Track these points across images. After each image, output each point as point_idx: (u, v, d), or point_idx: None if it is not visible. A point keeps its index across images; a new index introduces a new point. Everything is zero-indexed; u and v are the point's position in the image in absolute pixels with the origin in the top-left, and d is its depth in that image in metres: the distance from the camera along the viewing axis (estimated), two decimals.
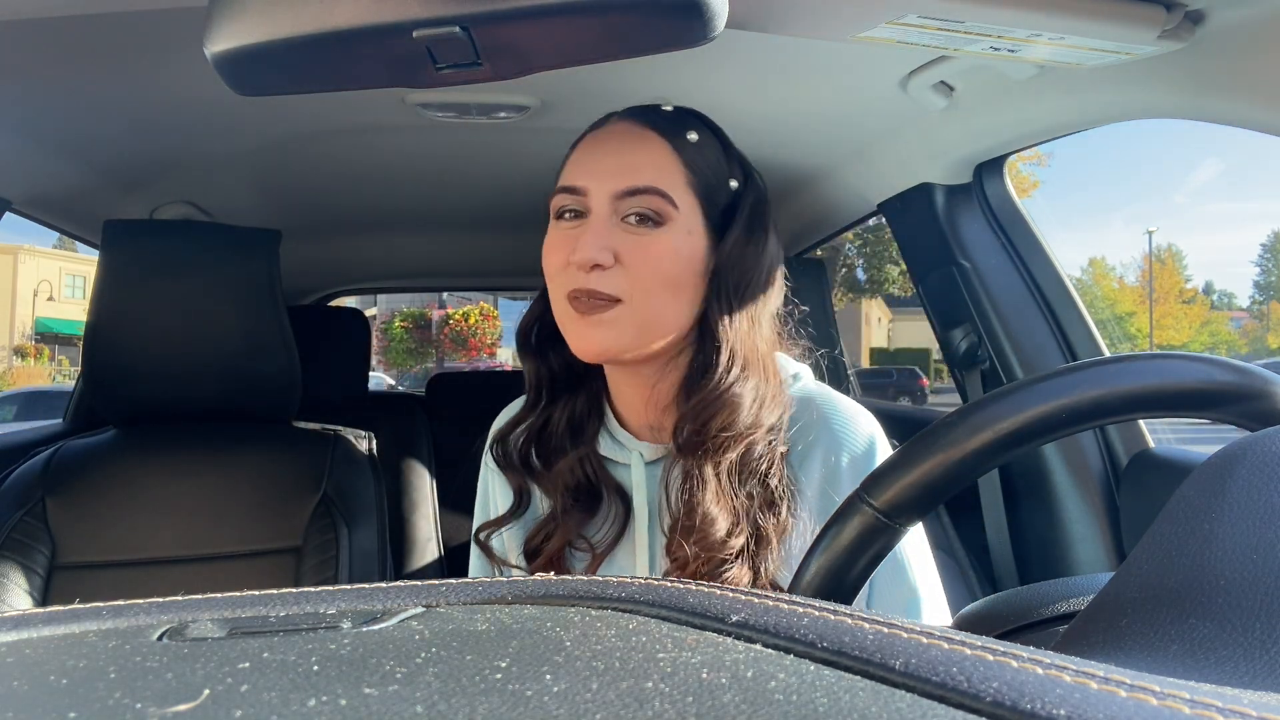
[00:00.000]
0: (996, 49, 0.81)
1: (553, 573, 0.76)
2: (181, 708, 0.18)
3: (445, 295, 22.83)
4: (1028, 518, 1.27)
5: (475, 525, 0.87)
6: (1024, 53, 0.82)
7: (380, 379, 17.32)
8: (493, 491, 0.87)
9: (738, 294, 0.74)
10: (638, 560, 0.76)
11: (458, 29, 0.44)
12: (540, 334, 0.81)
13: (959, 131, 1.17)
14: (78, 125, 1.21)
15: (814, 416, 0.76)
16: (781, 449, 0.74)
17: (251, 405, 1.25)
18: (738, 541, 0.70)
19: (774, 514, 0.72)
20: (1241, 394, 0.43)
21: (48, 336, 24.74)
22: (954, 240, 1.31)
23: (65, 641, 0.24)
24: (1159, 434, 1.21)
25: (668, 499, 0.73)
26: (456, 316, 24.12)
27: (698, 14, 0.44)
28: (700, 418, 0.71)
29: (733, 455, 0.71)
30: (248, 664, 0.21)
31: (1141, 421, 1.19)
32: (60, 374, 22.12)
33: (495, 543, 0.83)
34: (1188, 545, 0.31)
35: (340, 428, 1.35)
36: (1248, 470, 0.32)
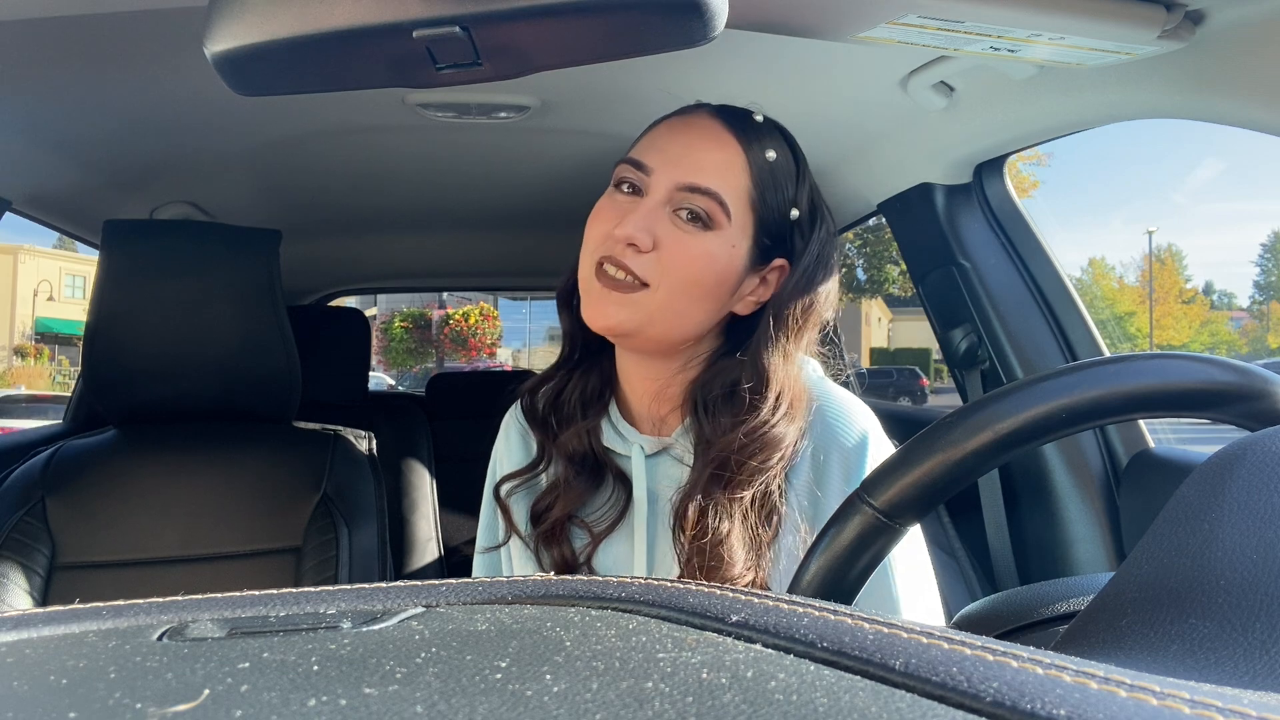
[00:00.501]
0: (996, 49, 0.81)
1: (554, 543, 0.77)
2: (181, 708, 0.18)
3: (445, 295, 22.84)
4: (1028, 518, 1.27)
5: (486, 490, 0.89)
6: (1024, 53, 0.82)
7: (380, 379, 17.33)
8: (501, 457, 0.89)
9: (793, 335, 0.75)
10: (635, 550, 0.77)
11: (458, 29, 0.44)
12: (576, 295, 0.81)
13: (959, 131, 1.17)
14: (78, 125, 1.21)
15: (840, 429, 0.76)
16: None
17: (251, 405, 1.25)
18: (749, 576, 0.70)
19: (770, 524, 0.73)
20: (1241, 394, 0.43)
21: (48, 336, 24.75)
22: (954, 240, 1.31)
23: (65, 641, 0.24)
24: (1158, 434, 1.21)
25: (678, 517, 0.73)
26: (456, 316, 24.13)
27: (698, 14, 0.44)
28: (745, 452, 0.71)
29: (759, 488, 0.72)
30: (248, 664, 0.21)
31: (1141, 421, 1.19)
32: (60, 374, 22.13)
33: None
34: (1188, 545, 0.31)
35: (340, 428, 1.35)
36: (1248, 470, 0.32)
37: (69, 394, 1.91)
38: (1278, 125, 0.77)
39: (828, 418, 0.75)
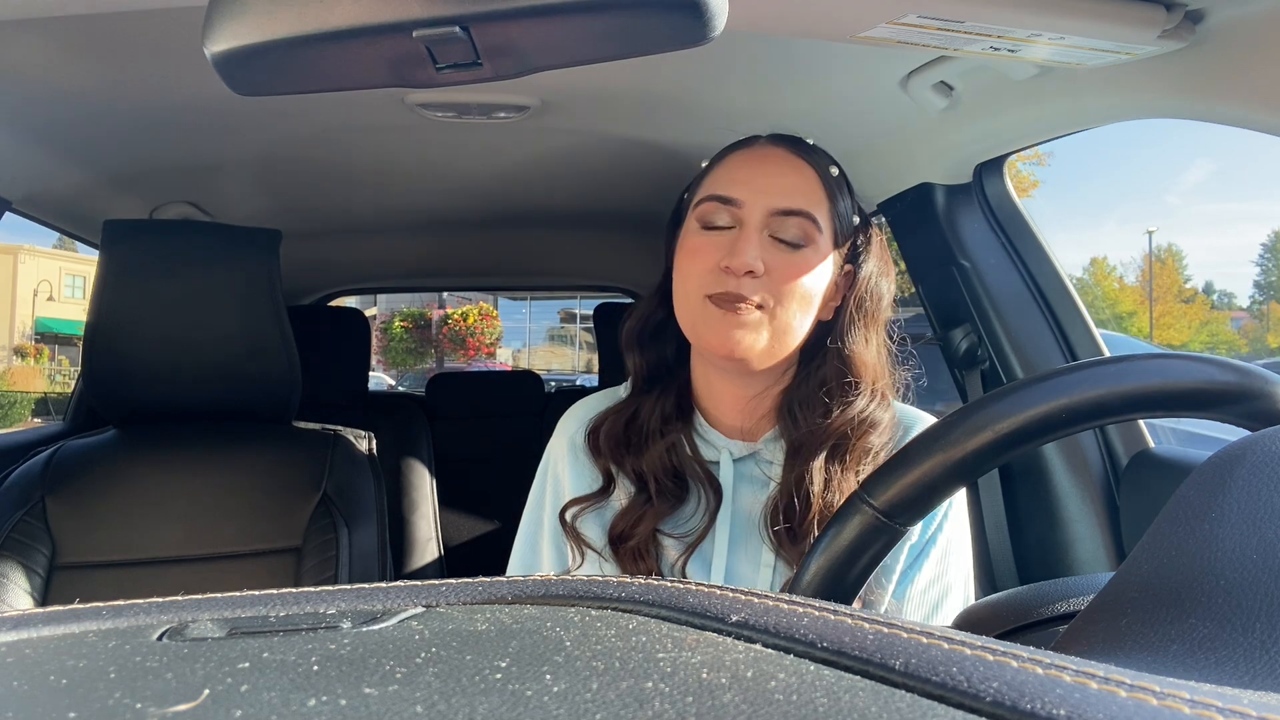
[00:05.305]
0: (996, 49, 0.81)
1: (642, 558, 0.79)
2: (181, 708, 0.18)
3: (445, 295, 22.82)
4: (1028, 518, 1.27)
5: (527, 516, 0.91)
6: (1024, 53, 0.82)
7: (380, 379, 17.32)
8: (557, 483, 0.89)
9: (874, 325, 0.82)
10: (715, 554, 0.80)
11: (457, 29, 0.44)
12: (644, 333, 0.87)
13: (959, 131, 1.17)
14: (78, 125, 1.21)
15: (898, 435, 0.82)
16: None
17: (251, 405, 1.25)
18: None
19: None
20: (1241, 394, 0.43)
21: (48, 336, 24.74)
22: (954, 240, 1.31)
23: (65, 641, 0.24)
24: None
25: (794, 495, 0.78)
26: (455, 316, 24.11)
27: (698, 14, 0.44)
28: (855, 434, 0.78)
29: (868, 469, 0.78)
30: (248, 664, 0.21)
31: (1141, 421, 1.19)
32: (60, 374, 22.12)
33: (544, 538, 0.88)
34: (1188, 545, 0.31)
35: (340, 428, 1.35)
36: (1248, 470, 0.32)
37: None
38: (1277, 125, 0.77)
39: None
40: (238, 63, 0.45)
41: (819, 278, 0.79)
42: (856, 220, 0.84)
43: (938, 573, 0.78)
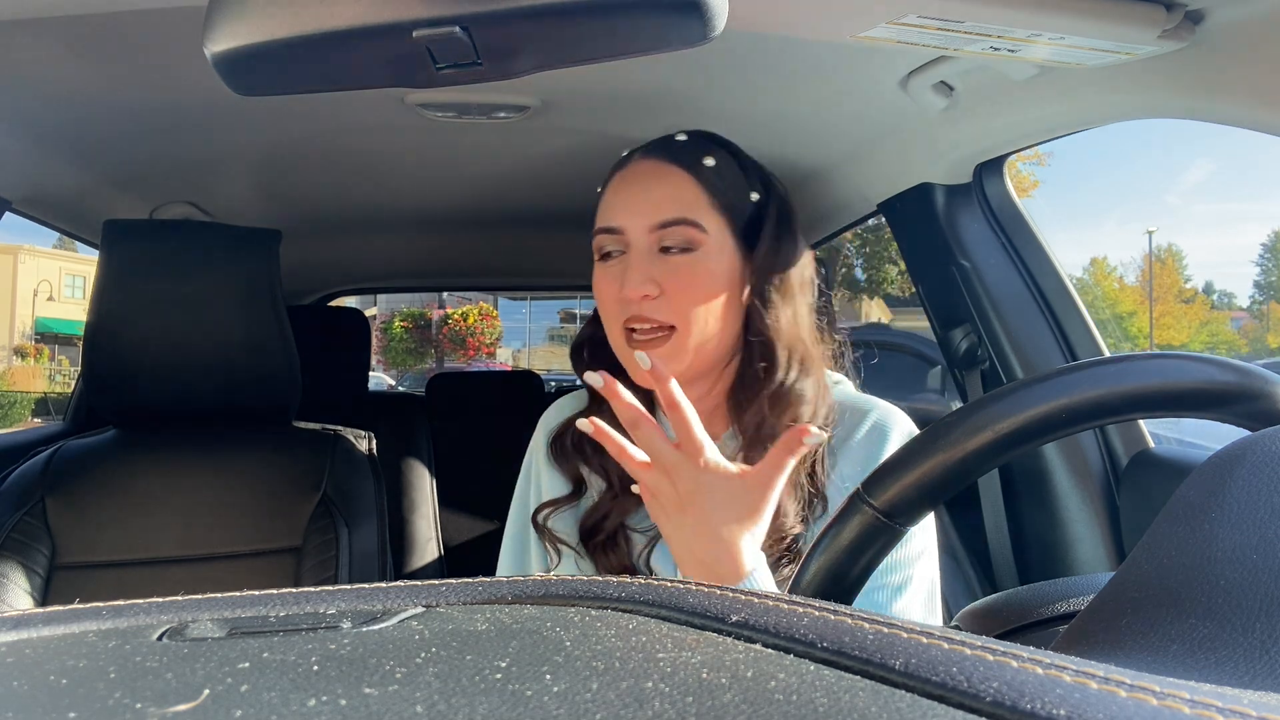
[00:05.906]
0: (996, 49, 0.81)
1: (611, 550, 0.80)
2: (181, 708, 0.18)
3: (445, 295, 22.82)
4: (1028, 518, 1.27)
5: (514, 512, 0.92)
6: (1024, 53, 0.82)
7: (380, 379, 17.32)
8: (538, 480, 0.91)
9: (780, 296, 0.80)
10: None
11: (457, 29, 0.44)
12: (589, 351, 0.89)
13: (959, 131, 1.17)
14: (78, 125, 1.21)
15: (853, 420, 0.81)
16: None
17: (251, 405, 1.25)
18: (800, 528, 0.75)
19: (817, 508, 0.77)
20: (1241, 394, 0.43)
21: (48, 336, 24.75)
22: (954, 240, 1.31)
23: (65, 641, 0.24)
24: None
25: None
26: (455, 316, 24.11)
27: (698, 14, 0.44)
28: (774, 411, 0.77)
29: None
30: (248, 664, 0.21)
31: (1141, 421, 1.19)
32: (60, 374, 22.13)
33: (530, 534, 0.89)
34: (1188, 545, 0.31)
35: (340, 428, 1.35)
36: (1248, 470, 0.32)
37: None
38: (1278, 125, 0.77)
39: (874, 428, 0.80)
40: (238, 63, 0.45)
41: (717, 278, 0.78)
42: (755, 196, 0.81)
43: (890, 560, 0.77)
